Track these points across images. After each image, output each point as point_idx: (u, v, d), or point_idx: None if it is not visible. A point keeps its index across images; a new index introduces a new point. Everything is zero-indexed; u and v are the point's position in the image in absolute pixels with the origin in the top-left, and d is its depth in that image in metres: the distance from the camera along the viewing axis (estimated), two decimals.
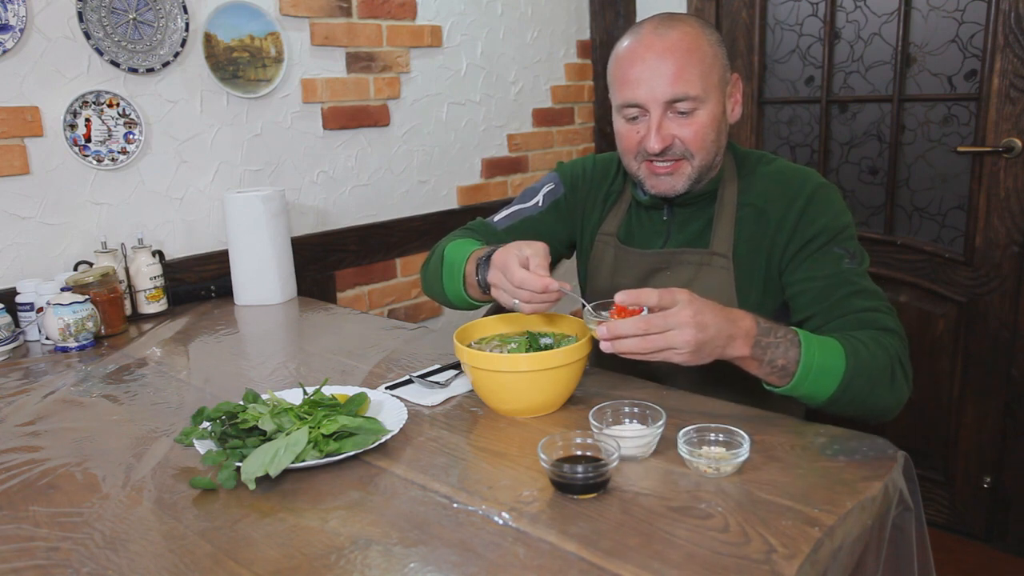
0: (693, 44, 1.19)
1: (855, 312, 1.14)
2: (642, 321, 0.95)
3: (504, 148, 2.70)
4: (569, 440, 0.93)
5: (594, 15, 2.91)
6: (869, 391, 1.06)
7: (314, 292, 2.16)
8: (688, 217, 1.32)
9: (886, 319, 1.13)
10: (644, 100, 1.20)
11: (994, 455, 2.19)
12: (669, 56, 1.18)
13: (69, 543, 0.84)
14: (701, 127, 1.21)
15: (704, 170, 1.25)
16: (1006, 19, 2.00)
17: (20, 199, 1.67)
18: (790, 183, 1.26)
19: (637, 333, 0.95)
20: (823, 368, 1.02)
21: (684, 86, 1.18)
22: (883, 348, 1.08)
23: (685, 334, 0.94)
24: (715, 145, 1.24)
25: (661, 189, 1.26)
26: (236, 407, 1.04)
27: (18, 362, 1.49)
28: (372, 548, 0.80)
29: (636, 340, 0.95)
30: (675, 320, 0.94)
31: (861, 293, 1.16)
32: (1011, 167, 2.04)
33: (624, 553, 0.76)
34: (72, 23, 1.70)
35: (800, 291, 1.21)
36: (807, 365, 1.01)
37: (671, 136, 1.21)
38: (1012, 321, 2.10)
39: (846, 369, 1.03)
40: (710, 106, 1.21)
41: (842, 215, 1.23)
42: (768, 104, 2.53)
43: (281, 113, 2.09)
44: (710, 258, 1.28)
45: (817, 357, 1.02)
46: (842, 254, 1.19)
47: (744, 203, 1.28)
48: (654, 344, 0.95)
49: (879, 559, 0.86)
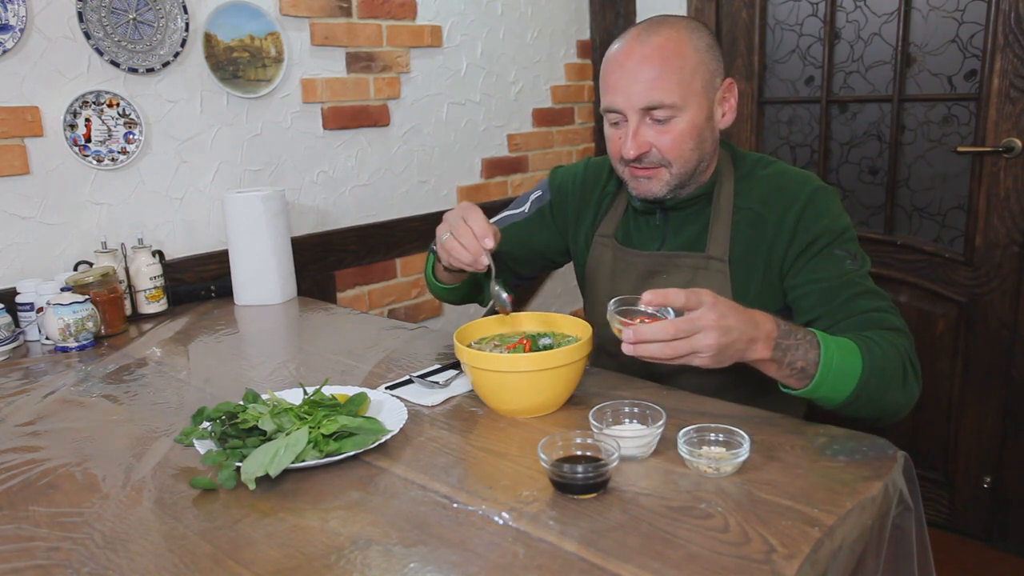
0: (674, 51, 1.18)
1: (862, 313, 1.13)
2: (670, 325, 0.91)
3: (504, 148, 2.70)
4: (569, 440, 0.93)
5: (594, 15, 2.91)
6: (884, 391, 1.05)
7: (314, 292, 2.16)
8: (683, 221, 1.32)
9: (893, 319, 1.13)
10: (621, 106, 1.21)
11: (994, 455, 2.19)
12: (647, 63, 1.18)
13: (69, 543, 0.84)
14: (678, 135, 1.21)
15: (685, 176, 1.25)
16: (1006, 19, 2.00)
17: (20, 199, 1.67)
18: (788, 187, 1.25)
19: (663, 339, 0.91)
20: (841, 369, 1.01)
21: (660, 94, 1.18)
22: (895, 348, 1.07)
23: (709, 338, 0.91)
24: (695, 153, 1.23)
25: (641, 192, 1.27)
26: (236, 407, 1.04)
27: (18, 362, 1.49)
28: (372, 548, 0.80)
29: (660, 345, 0.92)
30: (700, 323, 0.91)
31: (866, 294, 1.16)
32: (1011, 167, 2.05)
33: (624, 553, 0.76)
34: (72, 23, 1.70)
35: (805, 293, 1.20)
36: (826, 366, 1.00)
37: (647, 143, 1.21)
38: (1012, 321, 2.10)
39: (863, 370, 1.02)
40: (689, 114, 1.20)
41: (841, 217, 1.22)
42: (768, 104, 2.53)
43: (281, 113, 2.09)
44: (706, 262, 1.28)
45: (836, 358, 1.01)
46: (844, 256, 1.19)
47: (741, 207, 1.28)
48: (678, 350, 0.92)
49: (879, 559, 0.86)
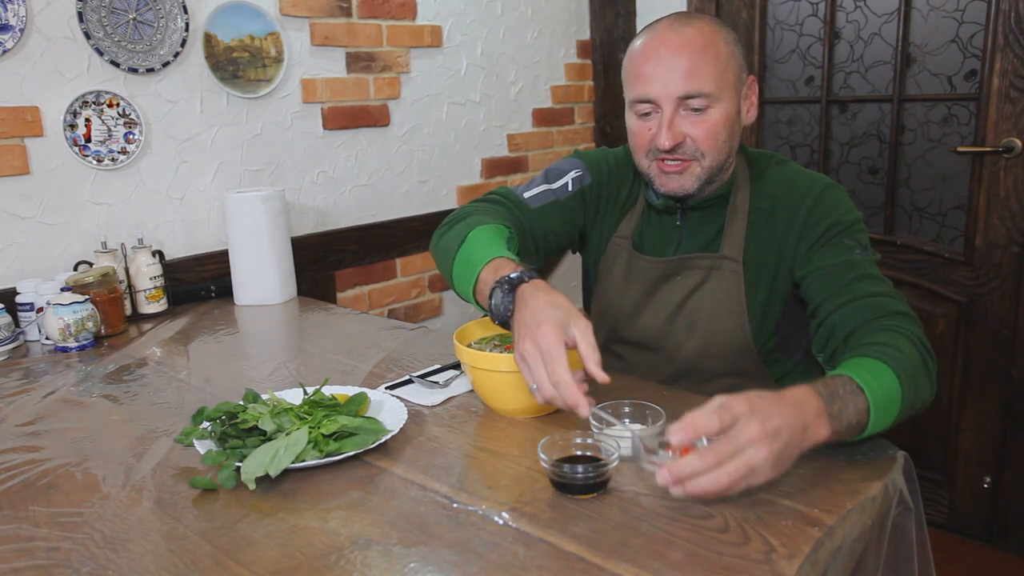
0: (708, 41, 1.18)
1: (866, 296, 1.11)
2: (710, 455, 0.80)
3: (504, 148, 2.70)
4: (569, 440, 0.93)
5: (594, 15, 2.91)
6: (917, 393, 0.99)
7: (314, 292, 2.16)
8: (701, 222, 1.31)
9: (896, 303, 1.10)
10: (656, 95, 1.19)
11: (994, 455, 2.19)
12: (683, 52, 1.17)
13: (69, 543, 0.84)
14: (713, 126, 1.19)
15: (714, 171, 1.23)
16: (1006, 19, 2.00)
17: (20, 199, 1.67)
18: (798, 186, 1.26)
19: (708, 469, 0.80)
20: (887, 400, 0.94)
21: (698, 82, 1.16)
22: (910, 341, 1.02)
23: (761, 453, 0.81)
24: (727, 146, 1.22)
25: (670, 188, 1.24)
26: (236, 407, 1.04)
27: (18, 362, 1.49)
28: (372, 548, 0.80)
29: (712, 476, 0.80)
30: (745, 439, 0.81)
31: (871, 278, 1.14)
32: (1011, 167, 2.04)
33: (624, 553, 0.76)
34: (72, 23, 1.70)
35: (812, 279, 1.19)
36: (876, 406, 0.92)
37: (682, 134, 1.19)
38: (1012, 321, 2.10)
39: (902, 388, 0.96)
40: (724, 105, 1.19)
41: (851, 212, 1.22)
42: (768, 104, 2.53)
43: (281, 113, 2.08)
44: (720, 262, 1.27)
45: (880, 393, 0.93)
46: (853, 245, 1.18)
47: (755, 207, 1.28)
48: (733, 476, 0.80)
49: (879, 559, 0.86)
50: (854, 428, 0.92)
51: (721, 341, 1.27)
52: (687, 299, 1.30)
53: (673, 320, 1.30)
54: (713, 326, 1.27)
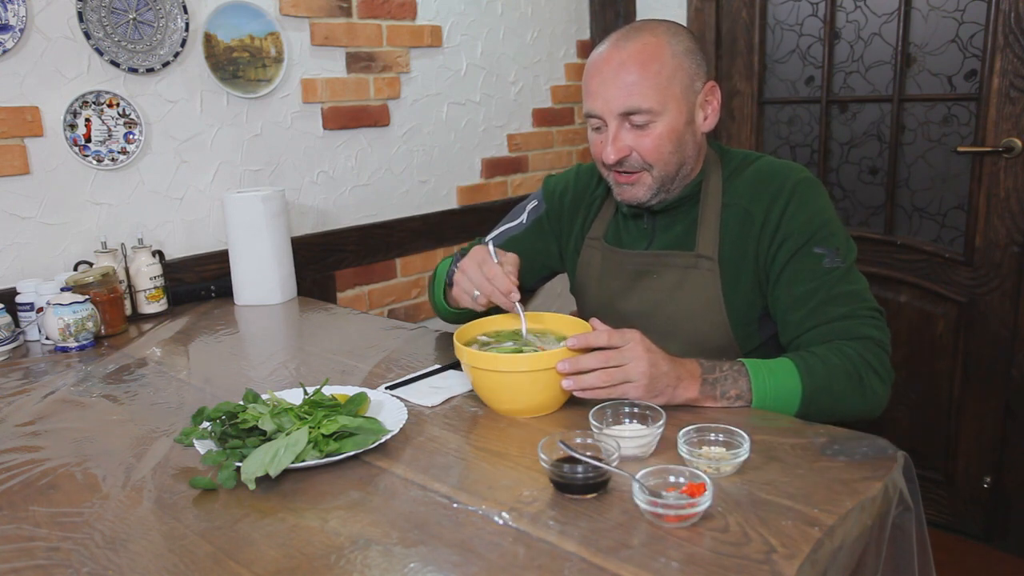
0: (651, 56, 1.19)
1: (828, 322, 1.17)
2: (600, 354, 1.02)
3: (504, 148, 2.70)
4: (569, 440, 0.93)
5: (594, 15, 2.91)
6: (835, 402, 1.10)
7: (314, 292, 2.16)
8: (671, 220, 1.33)
9: (860, 326, 1.15)
10: (600, 112, 1.22)
11: (994, 455, 2.19)
12: (623, 69, 1.19)
13: (69, 543, 0.84)
14: (657, 139, 1.21)
15: (667, 180, 1.26)
16: (1006, 19, 2.00)
17: (20, 199, 1.67)
18: (771, 181, 1.26)
19: (597, 367, 1.01)
20: (779, 390, 1.08)
21: (637, 99, 1.19)
22: (845, 358, 1.11)
23: (640, 366, 1.01)
24: (675, 156, 1.24)
25: (626, 198, 1.29)
26: (236, 407, 1.04)
27: (18, 362, 1.49)
28: (372, 548, 0.80)
29: (597, 374, 1.01)
30: (630, 353, 1.02)
31: (837, 299, 1.17)
32: (1011, 167, 2.04)
33: (624, 553, 0.76)
34: (72, 23, 1.70)
35: (777, 301, 1.23)
36: (760, 390, 1.07)
37: (627, 148, 1.22)
38: (1012, 321, 2.10)
39: (803, 387, 1.08)
40: (668, 118, 1.21)
41: (821, 212, 1.23)
42: (768, 104, 2.53)
43: (281, 113, 2.09)
44: (696, 261, 1.28)
45: (769, 381, 1.08)
46: (822, 254, 1.20)
47: (728, 203, 1.28)
48: (612, 376, 1.01)
49: (879, 559, 0.86)
50: (735, 402, 1.08)
51: (703, 342, 1.28)
52: (667, 301, 1.31)
53: (653, 322, 1.31)
54: (694, 327, 1.29)
